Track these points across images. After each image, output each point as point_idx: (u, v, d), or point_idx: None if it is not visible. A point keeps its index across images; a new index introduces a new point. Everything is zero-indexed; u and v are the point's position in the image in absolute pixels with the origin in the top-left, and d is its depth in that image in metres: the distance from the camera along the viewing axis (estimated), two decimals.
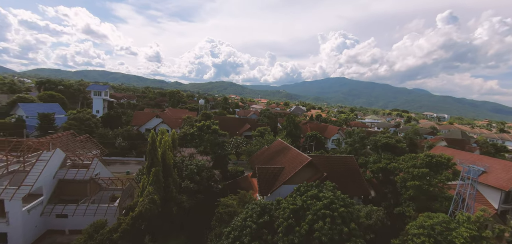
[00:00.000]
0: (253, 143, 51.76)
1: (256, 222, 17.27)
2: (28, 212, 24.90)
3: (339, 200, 18.53)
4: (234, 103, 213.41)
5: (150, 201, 20.38)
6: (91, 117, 66.00)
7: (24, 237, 24.29)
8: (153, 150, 23.30)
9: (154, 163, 23.01)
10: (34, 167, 26.12)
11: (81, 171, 30.36)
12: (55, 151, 29.12)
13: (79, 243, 20.71)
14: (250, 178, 39.48)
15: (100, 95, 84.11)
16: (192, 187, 26.69)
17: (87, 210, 27.67)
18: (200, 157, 31.74)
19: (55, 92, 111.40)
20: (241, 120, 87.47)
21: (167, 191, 23.43)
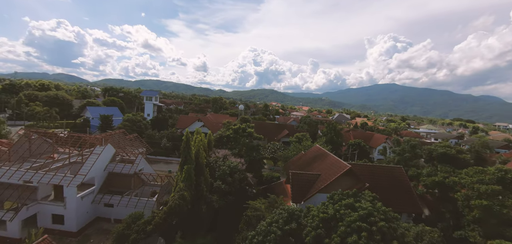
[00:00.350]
0: (290, 149, 50.15)
1: (282, 229, 16.04)
2: (82, 199, 27.90)
3: (379, 212, 16.07)
4: (274, 110, 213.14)
5: (180, 197, 20.83)
6: (142, 119, 72.64)
7: (77, 221, 27.21)
8: (187, 148, 23.95)
9: (187, 160, 23.61)
10: (88, 159, 29.32)
11: (127, 166, 33.11)
12: (107, 146, 32.32)
13: (119, 230, 22.19)
14: (285, 184, 38.09)
15: (151, 100, 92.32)
16: (223, 188, 26.63)
17: (130, 202, 29.81)
18: (233, 159, 31.71)
19: (116, 98, 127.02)
20: (280, 126, 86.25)
21: (198, 189, 23.75)
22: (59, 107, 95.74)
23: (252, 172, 35.24)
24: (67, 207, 26.95)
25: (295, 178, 30.27)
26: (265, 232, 15.99)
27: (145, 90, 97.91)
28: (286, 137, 74.59)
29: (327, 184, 27.42)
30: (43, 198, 28.51)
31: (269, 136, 73.21)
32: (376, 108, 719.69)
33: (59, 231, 27.18)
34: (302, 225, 16.49)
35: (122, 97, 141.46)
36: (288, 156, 48.67)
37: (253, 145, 38.84)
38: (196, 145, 25.46)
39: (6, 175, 27.31)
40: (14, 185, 27.51)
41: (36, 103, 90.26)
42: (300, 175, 30.77)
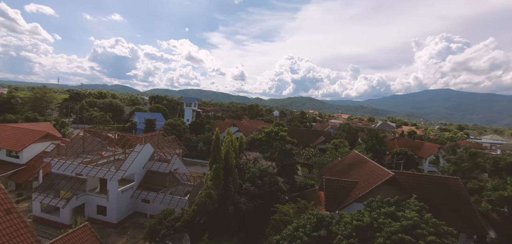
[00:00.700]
0: (326, 156, 47.43)
1: (310, 235, 14.54)
2: (122, 193, 29.90)
3: (429, 225, 13.49)
4: (311, 118, 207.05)
5: (207, 195, 20.73)
6: (181, 124, 76.69)
7: (117, 213, 29.16)
8: (216, 148, 23.97)
9: (216, 160, 23.58)
10: (129, 156, 31.45)
11: (163, 164, 34.71)
12: (146, 145, 34.37)
13: (151, 224, 22.99)
14: (318, 191, 35.88)
15: (190, 106, 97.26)
16: (252, 190, 25.93)
17: (164, 199, 30.99)
18: (264, 162, 30.90)
19: (161, 105, 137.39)
20: (315, 132, 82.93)
21: (226, 190, 23.46)
22: (113, 113, 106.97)
23: (284, 177, 33.88)
24: (109, 199, 29.11)
25: (329, 184, 28.16)
26: (290, 237, 14.69)
27: (185, 97, 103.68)
28: (322, 144, 71.24)
29: (365, 192, 24.82)
30: (90, 190, 31.32)
31: (304, 143, 70.74)
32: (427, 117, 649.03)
33: (102, 222, 29.45)
34: (333, 233, 14.76)
35: (166, 104, 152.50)
36: (323, 162, 46.03)
37: (285, 149, 37.54)
38: (226, 145, 25.36)
39: (62, 167, 30.75)
40: (68, 176, 30.79)
41: (94, 108, 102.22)
42: (335, 181, 28.52)
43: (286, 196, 32.61)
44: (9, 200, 15.12)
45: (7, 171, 36.98)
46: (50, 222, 28.99)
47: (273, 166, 30.50)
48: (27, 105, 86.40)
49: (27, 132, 41.49)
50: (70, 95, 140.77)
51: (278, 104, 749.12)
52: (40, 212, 29.74)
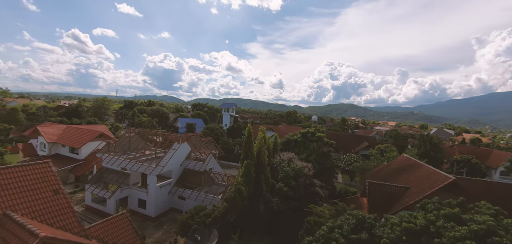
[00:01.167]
0: (369, 161, 43.25)
1: (347, 237, 12.49)
2: (160, 188, 31.10)
3: (510, 232, 10.37)
4: (353, 124, 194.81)
5: (236, 190, 20.00)
6: (219, 128, 78.77)
7: (155, 207, 30.32)
8: (248, 144, 23.29)
9: (248, 156, 22.85)
10: (167, 154, 32.74)
11: (199, 163, 35.36)
12: (183, 144, 35.52)
13: (184, 218, 23.14)
14: (361, 197, 32.53)
15: (228, 111, 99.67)
16: (286, 191, 24.40)
17: (198, 197, 31.33)
18: (299, 163, 29.13)
19: (202, 112, 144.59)
20: (358, 137, 77.17)
21: (258, 188, 22.45)
22: (159, 118, 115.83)
23: (321, 181, 31.50)
24: (149, 193, 30.50)
25: (373, 189, 25.16)
26: (324, 238, 12.86)
27: (223, 103, 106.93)
28: (365, 149, 65.76)
29: (418, 199, 21.35)
30: (133, 184, 33.34)
31: (345, 148, 66.17)
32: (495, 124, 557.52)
33: (141, 215, 30.95)
34: (376, 237, 12.48)
35: (206, 111, 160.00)
36: (366, 168, 41.94)
37: (323, 150, 35.08)
38: (258, 143, 24.51)
39: (110, 162, 33.43)
40: (115, 170, 33.33)
41: (144, 115, 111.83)
42: (381, 186, 25.36)
43: (325, 204, 30.22)
44: (58, 182, 16.51)
45: (68, 166, 41.91)
46: (98, 211, 31.53)
47: (309, 167, 28.53)
48: (90, 111, 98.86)
49: (86, 132, 46.69)
50: (124, 104, 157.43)
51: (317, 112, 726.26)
52: (91, 202, 32.63)
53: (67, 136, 46.64)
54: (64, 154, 45.78)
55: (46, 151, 45.75)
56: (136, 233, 19.89)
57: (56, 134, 47.34)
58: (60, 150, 46.55)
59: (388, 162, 37.40)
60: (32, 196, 14.66)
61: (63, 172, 41.50)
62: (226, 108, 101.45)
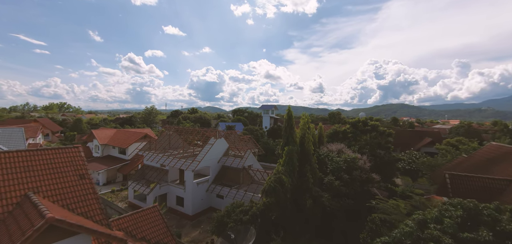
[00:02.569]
0: (438, 157, 35.55)
1: (456, 236, 8.02)
2: (197, 185, 29.46)
3: None
4: (407, 124, 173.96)
5: (276, 180, 16.65)
6: (258, 129, 76.62)
7: (193, 205, 28.69)
8: (289, 128, 19.87)
9: (289, 142, 19.40)
10: (203, 149, 31.15)
11: (237, 159, 33.02)
12: (220, 139, 33.68)
13: (220, 215, 20.67)
14: (435, 197, 26.05)
15: (268, 113, 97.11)
16: (337, 185, 20.09)
17: (237, 195, 28.78)
18: (352, 154, 24.40)
19: (242, 117, 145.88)
20: (418, 132, 66.63)
21: (302, 180, 18.74)
22: (201, 124, 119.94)
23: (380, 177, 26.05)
24: (186, 190, 29.09)
25: (457, 183, 19.32)
26: (412, 239, 8.56)
27: (263, 105, 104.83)
28: (429, 146, 56.02)
29: None
30: (172, 181, 32.53)
31: (403, 145, 57.31)
32: None
33: (180, 213, 29.64)
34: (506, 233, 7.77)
35: (247, 116, 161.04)
36: (436, 164, 34.36)
37: (378, 142, 29.42)
38: (302, 128, 20.88)
39: (150, 159, 33.27)
40: (155, 167, 33.03)
41: (187, 121, 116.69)
42: (469, 179, 19.30)
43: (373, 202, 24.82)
44: (85, 167, 15.47)
45: (117, 165, 43.84)
46: (139, 207, 31.23)
47: (364, 160, 23.61)
48: (140, 120, 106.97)
49: (131, 133, 48.77)
50: (171, 113, 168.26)
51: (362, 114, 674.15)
52: (133, 198, 32.72)
53: (117, 138, 49.36)
54: (114, 155, 48.41)
55: (99, 152, 48.98)
56: (167, 228, 18.03)
57: (108, 137, 50.53)
58: (111, 151, 49.42)
59: (467, 155, 29.80)
60: (57, 179, 13.68)
61: (112, 171, 43.55)
62: (266, 110, 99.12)
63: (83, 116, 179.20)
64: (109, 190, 38.50)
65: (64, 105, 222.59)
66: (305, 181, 18.60)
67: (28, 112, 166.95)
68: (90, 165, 43.88)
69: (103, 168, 41.98)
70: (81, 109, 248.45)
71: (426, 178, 35.88)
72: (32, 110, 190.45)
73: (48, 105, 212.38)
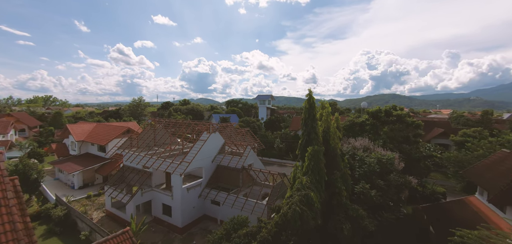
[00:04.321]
0: (468, 148, 31.12)
1: None
2: (187, 191, 24.11)
3: None
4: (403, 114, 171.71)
5: (301, 199, 11.48)
6: (255, 121, 71.29)
7: (183, 215, 23.39)
8: (310, 120, 14.65)
9: (312, 139, 14.18)
10: (194, 146, 25.64)
11: (235, 158, 27.75)
12: (214, 134, 28.24)
13: (217, 238, 15.46)
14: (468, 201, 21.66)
15: (264, 103, 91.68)
16: (374, 195, 15.12)
17: (236, 202, 23.63)
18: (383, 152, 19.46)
19: (236, 108, 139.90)
20: (427, 122, 62.53)
21: (332, 193, 13.67)
22: (194, 116, 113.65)
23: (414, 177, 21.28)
24: (174, 197, 23.70)
25: None
26: None
27: (259, 95, 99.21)
28: (439, 138, 52.00)
29: None
30: (157, 185, 27.08)
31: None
32: None
33: (167, 224, 24.36)
34: None
35: (241, 107, 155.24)
36: (465, 159, 29.96)
37: (404, 135, 24.65)
38: (324, 121, 15.66)
39: (130, 159, 27.62)
40: (136, 169, 27.43)
41: (178, 113, 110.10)
42: None
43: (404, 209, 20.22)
44: None
45: (95, 165, 37.89)
46: (118, 218, 25.89)
47: (397, 158, 18.73)
48: (127, 112, 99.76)
49: (112, 128, 42.68)
50: (161, 105, 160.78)
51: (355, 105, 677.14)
52: (111, 207, 27.19)
53: (95, 134, 43.20)
54: (94, 153, 42.37)
55: (76, 150, 42.81)
56: None
57: (85, 133, 44.27)
58: (90, 148, 43.31)
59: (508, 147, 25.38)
60: None
61: (89, 172, 37.63)
62: (262, 100, 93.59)
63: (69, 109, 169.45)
64: (85, 196, 32.75)
65: (49, 98, 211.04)
66: (336, 195, 13.54)
67: (9, 107, 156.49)
68: (63, 166, 37.84)
69: (78, 169, 36.02)
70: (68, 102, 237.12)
71: (451, 174, 31.54)
72: (15, 104, 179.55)
73: (33, 98, 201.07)
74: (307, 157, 13.55)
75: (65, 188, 36.51)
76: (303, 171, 13.59)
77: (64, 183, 38.59)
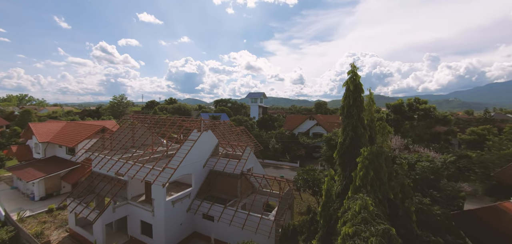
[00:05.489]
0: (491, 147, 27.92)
1: None
2: (173, 204, 19.00)
3: None
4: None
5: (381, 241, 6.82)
6: (248, 120, 66.57)
7: (166, 235, 18.26)
8: (356, 108, 10.09)
9: (359, 135, 9.63)
10: (180, 148, 20.52)
11: (231, 161, 22.88)
12: (206, 133, 23.25)
13: None
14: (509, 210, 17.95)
15: (256, 102, 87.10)
16: (438, 212, 10.89)
17: (235, 216, 18.80)
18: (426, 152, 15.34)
19: (225, 107, 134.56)
20: None
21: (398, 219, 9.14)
22: (181, 115, 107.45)
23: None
24: (155, 213, 18.52)
25: None
26: None
27: (250, 93, 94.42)
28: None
29: None
30: (134, 197, 21.72)
31: None
32: None
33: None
34: None
35: (230, 106, 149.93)
36: (488, 160, 26.67)
37: (437, 132, 20.88)
38: (368, 113, 11.16)
39: (100, 164, 22.12)
40: (108, 177, 21.98)
41: (164, 112, 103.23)
42: None
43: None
44: None
45: (60, 171, 31.73)
46: (84, 240, 20.35)
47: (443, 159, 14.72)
48: (107, 111, 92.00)
49: (84, 127, 36.57)
50: (146, 104, 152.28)
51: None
52: (75, 225, 21.56)
53: (64, 134, 36.86)
54: (62, 156, 36.06)
55: (41, 153, 36.29)
56: None
57: (52, 133, 37.81)
58: (57, 151, 36.92)
59: None
60: None
61: (53, 179, 31.45)
62: (254, 98, 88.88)
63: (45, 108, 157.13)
64: (45, 209, 26.76)
65: (24, 97, 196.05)
66: (404, 220, 9.11)
67: None
68: (22, 173, 31.38)
69: (39, 175, 29.80)
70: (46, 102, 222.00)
71: (474, 177, 28.22)
72: None
73: (6, 97, 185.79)
74: (362, 163, 9.04)
75: (23, 200, 30.23)
76: (355, 186, 9.07)
77: (23, 193, 32.17)
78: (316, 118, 61.21)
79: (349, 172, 9.91)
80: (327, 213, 9.98)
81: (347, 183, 9.84)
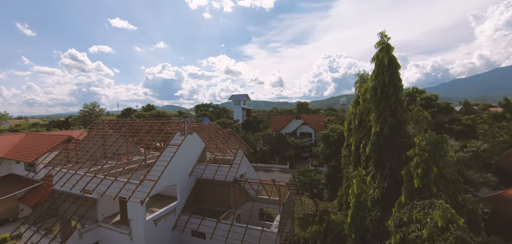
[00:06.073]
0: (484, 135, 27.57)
1: None
2: (155, 224, 15.78)
3: None
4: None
5: None
6: (233, 123, 63.75)
7: None
8: (393, 88, 7.87)
9: (400, 122, 7.46)
10: (161, 155, 17.35)
11: (222, 167, 20.03)
12: (191, 135, 20.25)
13: None
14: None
15: (239, 104, 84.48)
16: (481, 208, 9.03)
17: (231, 232, 15.99)
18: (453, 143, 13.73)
19: (206, 112, 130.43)
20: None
21: None
22: None
23: None
24: (133, 236, 15.21)
25: None
26: None
27: (233, 95, 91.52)
28: None
29: None
30: (106, 218, 18.12)
31: None
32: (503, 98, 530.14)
33: None
34: None
35: (212, 111, 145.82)
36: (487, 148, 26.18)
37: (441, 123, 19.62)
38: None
39: (63, 180, 18.27)
40: (74, 195, 18.21)
41: (141, 119, 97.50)
42: None
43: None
44: None
45: (16, 191, 26.89)
46: None
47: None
48: (78, 121, 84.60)
49: (45, 138, 31.77)
50: (122, 112, 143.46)
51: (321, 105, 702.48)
52: None
53: (22, 148, 31.76)
54: (20, 173, 30.95)
55: None
56: None
57: (7, 147, 32.50)
58: (15, 168, 31.74)
59: None
60: None
61: (7, 202, 26.54)
62: (237, 100, 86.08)
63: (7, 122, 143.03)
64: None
65: None
66: (472, 227, 7.05)
67: None
68: None
69: None
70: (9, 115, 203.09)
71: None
72: None
73: None
74: (420, 157, 6.70)
75: None
76: (409, 189, 6.70)
77: None
78: (302, 117, 59.81)
79: (390, 170, 7.75)
80: (361, 225, 7.73)
81: (390, 184, 7.65)
